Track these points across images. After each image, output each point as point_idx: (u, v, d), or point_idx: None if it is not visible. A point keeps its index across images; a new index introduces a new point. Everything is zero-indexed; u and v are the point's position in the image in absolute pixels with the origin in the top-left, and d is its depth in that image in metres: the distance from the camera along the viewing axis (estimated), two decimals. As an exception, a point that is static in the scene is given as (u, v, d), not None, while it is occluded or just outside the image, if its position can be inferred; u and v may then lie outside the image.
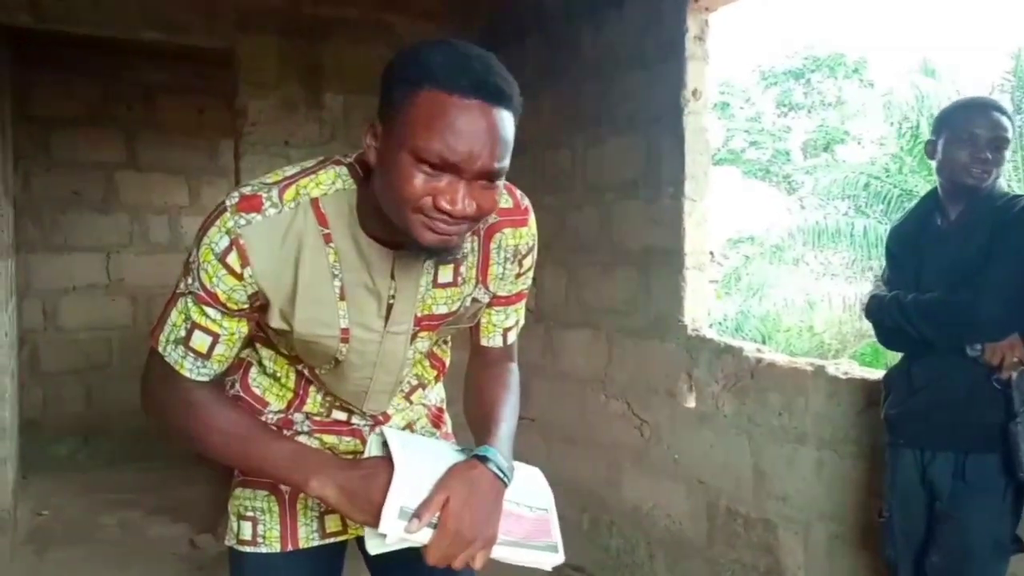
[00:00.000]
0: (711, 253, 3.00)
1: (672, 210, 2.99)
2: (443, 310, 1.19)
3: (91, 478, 4.73)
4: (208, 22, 3.73)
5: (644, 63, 3.11)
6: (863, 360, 8.49)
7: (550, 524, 1.16)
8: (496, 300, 1.26)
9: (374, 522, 1.00)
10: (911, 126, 12.49)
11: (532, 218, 1.23)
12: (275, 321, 1.13)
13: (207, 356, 1.13)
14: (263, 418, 1.28)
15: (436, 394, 1.44)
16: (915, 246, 2.04)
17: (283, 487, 1.29)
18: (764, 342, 11.56)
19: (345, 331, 1.14)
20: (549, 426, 3.70)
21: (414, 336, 1.20)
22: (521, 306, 1.31)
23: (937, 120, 2.07)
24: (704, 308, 3.03)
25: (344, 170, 1.10)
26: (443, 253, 1.04)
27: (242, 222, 1.05)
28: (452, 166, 0.95)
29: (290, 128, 3.84)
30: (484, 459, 1.07)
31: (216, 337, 1.12)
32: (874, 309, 2.06)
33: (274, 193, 1.07)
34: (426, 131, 0.94)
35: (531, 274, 1.28)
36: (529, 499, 1.16)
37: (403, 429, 1.36)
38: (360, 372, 1.21)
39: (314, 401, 1.29)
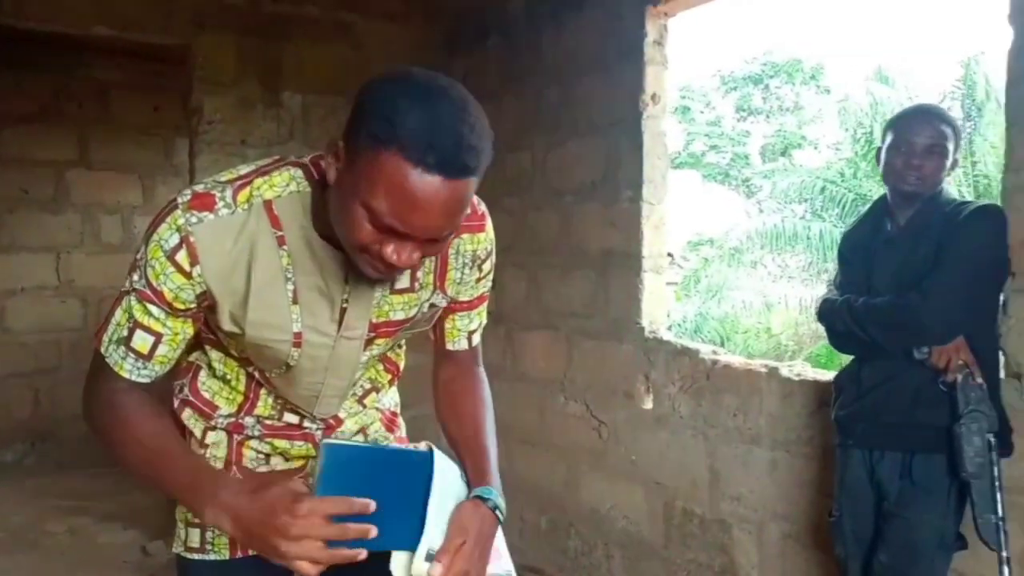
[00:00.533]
0: (671, 255, 3.03)
1: (630, 213, 3.01)
2: (400, 316, 1.18)
3: (39, 484, 4.61)
4: (164, 19, 3.66)
5: (604, 67, 3.13)
6: (818, 361, 8.64)
7: (499, 549, 1.21)
8: (458, 305, 1.25)
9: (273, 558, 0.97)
10: (865, 132, 12.76)
11: (489, 223, 1.23)
12: (226, 324, 1.11)
13: (148, 357, 1.10)
14: (212, 423, 1.26)
15: (390, 398, 1.42)
16: (866, 251, 2.08)
17: None
18: (723, 343, 11.70)
19: (298, 335, 1.13)
20: (509, 428, 3.70)
21: (369, 342, 1.18)
22: (483, 309, 1.31)
23: (883, 127, 2.12)
24: (661, 310, 3.06)
25: (299, 172, 1.08)
26: (389, 282, 1.05)
27: (193, 220, 1.03)
28: (403, 233, 0.93)
29: (247, 127, 3.79)
30: (485, 500, 1.11)
31: (159, 337, 1.09)
32: (826, 312, 2.10)
33: (227, 193, 1.05)
34: (384, 196, 0.91)
35: (491, 277, 1.27)
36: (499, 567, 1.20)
37: (356, 434, 1.34)
38: (312, 377, 1.19)
39: (265, 404, 1.27)
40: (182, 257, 1.03)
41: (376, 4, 4.04)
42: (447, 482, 1.11)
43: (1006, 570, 1.79)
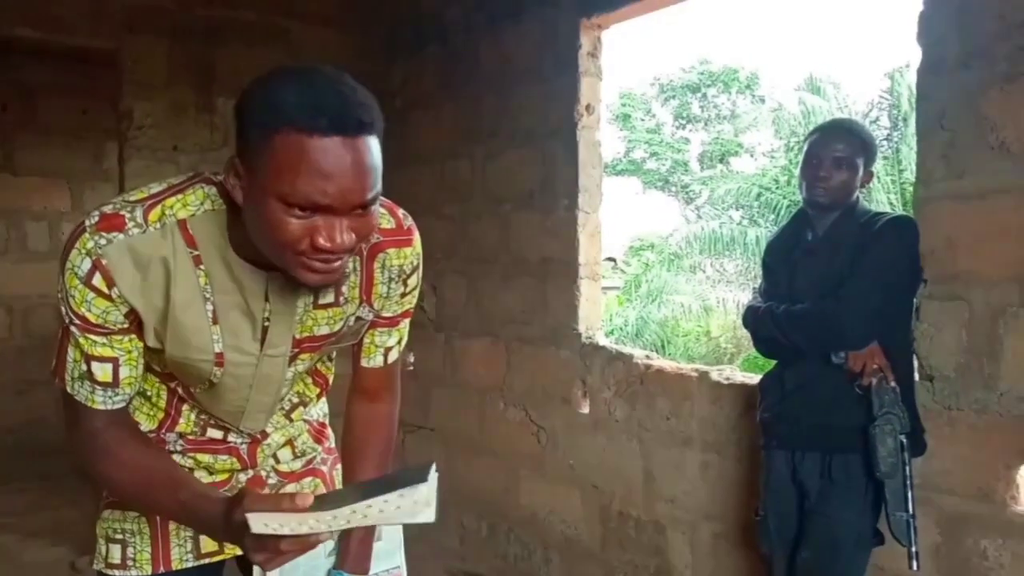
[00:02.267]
0: (613, 259, 3.08)
1: (566, 222, 3.06)
2: (325, 331, 1.17)
3: (-39, 500, 4.43)
4: (93, 21, 3.57)
5: (540, 77, 3.17)
6: (756, 364, 8.85)
7: (383, 549, 1.33)
8: (380, 320, 1.24)
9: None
10: (798, 140, 13.12)
11: (416, 237, 1.21)
12: (150, 340, 1.09)
13: (115, 384, 1.09)
14: None
15: (319, 409, 1.42)
16: (787, 260, 2.16)
17: None
18: (663, 347, 11.90)
19: (219, 355, 1.11)
20: (449, 434, 3.71)
21: (294, 358, 1.18)
22: (405, 325, 1.29)
23: (802, 141, 2.21)
24: (597, 317, 3.11)
25: (214, 190, 1.06)
26: (325, 287, 1.04)
27: (103, 242, 1.00)
28: (324, 207, 0.91)
29: (179, 132, 3.72)
30: None
31: (115, 362, 1.07)
32: (750, 319, 2.17)
33: (137, 213, 1.02)
34: (291, 177, 0.89)
35: (416, 293, 1.26)
36: (383, 565, 1.32)
37: (284, 446, 1.34)
38: (236, 394, 1.18)
39: (187, 420, 1.25)
40: (98, 281, 1.01)
41: (313, 9, 4.02)
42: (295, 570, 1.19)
43: (915, 564, 1.88)
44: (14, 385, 5.00)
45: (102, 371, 1.07)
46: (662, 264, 15.46)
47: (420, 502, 0.84)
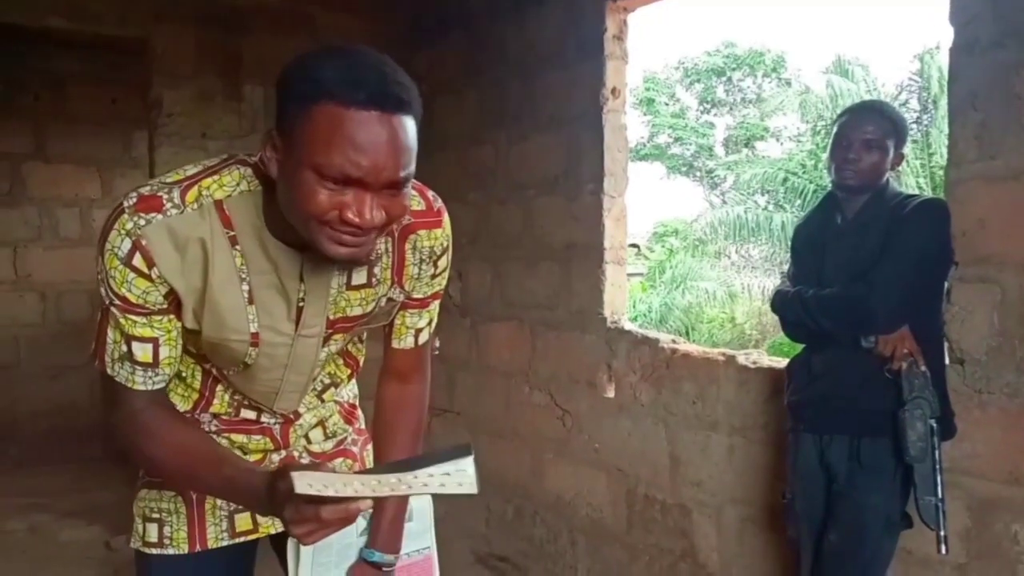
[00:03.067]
0: (636, 246, 3.08)
1: (592, 206, 3.05)
2: (357, 312, 1.18)
3: (-1, 482, 4.54)
4: (122, 10, 3.61)
5: (565, 62, 3.16)
6: (781, 349, 8.80)
7: (432, 561, 1.37)
8: (410, 302, 1.25)
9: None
10: (825, 123, 12.96)
11: (446, 219, 1.21)
12: (188, 321, 1.10)
13: (155, 364, 1.10)
14: None
15: (349, 390, 1.43)
16: (816, 243, 2.14)
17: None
18: (687, 333, 11.85)
19: (255, 335, 1.12)
20: (474, 418, 3.73)
21: (327, 338, 1.19)
22: (435, 307, 1.30)
23: (832, 123, 2.19)
24: (623, 301, 3.11)
25: (249, 171, 1.07)
26: (352, 264, 1.04)
27: (141, 223, 1.01)
28: (357, 181, 0.92)
29: (207, 120, 3.76)
30: (375, 564, 1.25)
31: (155, 342, 1.09)
32: (778, 304, 2.16)
33: (175, 194, 1.03)
34: (326, 148, 0.90)
35: (446, 275, 1.27)
36: (413, 544, 1.35)
37: (315, 427, 1.36)
38: (270, 374, 1.20)
39: (221, 401, 1.26)
40: (138, 261, 1.02)
41: (338, -4, 4.03)
42: (329, 548, 1.24)
43: (943, 548, 1.87)
44: (47, 370, 5.10)
45: (142, 351, 1.08)
46: (686, 250, 15.39)
47: (464, 474, 0.86)
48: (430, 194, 1.20)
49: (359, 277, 1.15)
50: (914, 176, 11.08)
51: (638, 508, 2.95)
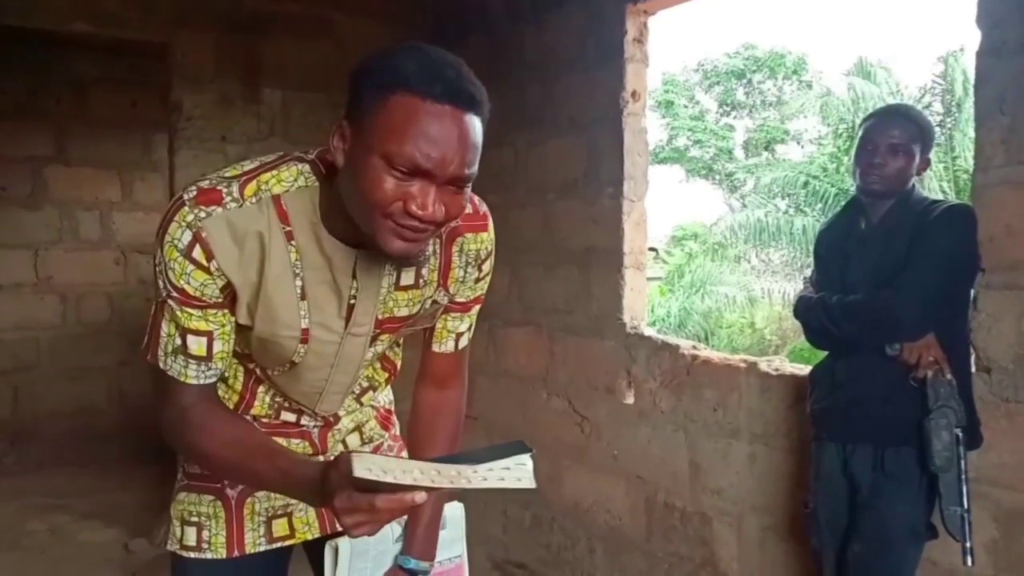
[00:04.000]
0: (655, 250, 3.05)
1: (611, 210, 3.03)
2: (404, 313, 1.18)
3: (19, 483, 4.58)
4: (144, 15, 3.64)
5: (585, 65, 3.14)
6: (801, 355, 8.72)
7: (463, 570, 1.36)
8: (453, 306, 1.26)
9: None
10: (847, 126, 12.85)
11: (491, 223, 1.23)
12: (242, 316, 1.10)
13: (208, 358, 1.10)
14: None
15: (385, 396, 1.43)
16: (840, 249, 2.11)
17: (229, 492, 1.29)
18: (707, 338, 11.79)
19: (305, 331, 1.13)
20: (492, 424, 3.72)
21: (374, 338, 1.19)
22: (476, 312, 1.31)
23: (858, 127, 2.16)
24: (643, 306, 3.08)
25: (307, 167, 1.08)
26: (407, 261, 1.05)
27: (202, 215, 1.02)
28: (424, 172, 0.94)
29: (227, 123, 3.77)
30: (410, 571, 1.25)
31: (210, 336, 1.09)
32: (801, 310, 2.13)
33: (234, 188, 1.04)
34: (399, 136, 0.92)
35: (488, 279, 1.28)
36: (446, 553, 1.34)
37: (352, 431, 1.36)
38: (316, 373, 1.20)
39: (262, 403, 1.27)
40: (198, 253, 1.03)
41: (357, 1, 4.04)
42: (364, 555, 1.24)
43: (969, 559, 1.84)
44: (67, 372, 5.14)
45: (197, 345, 1.09)
46: (705, 254, 15.30)
47: (524, 469, 0.87)
48: (476, 199, 1.20)
49: (407, 278, 1.16)
50: (937, 180, 10.95)
51: (657, 516, 2.92)
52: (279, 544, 1.32)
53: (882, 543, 1.96)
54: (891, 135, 1.99)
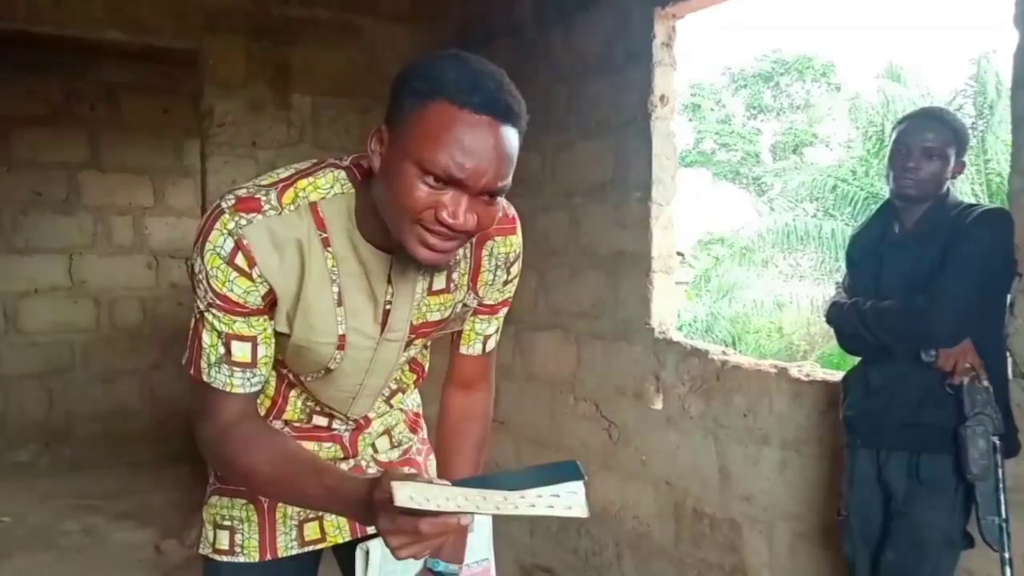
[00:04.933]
0: (681, 255, 3.03)
1: (639, 214, 3.02)
2: (436, 317, 1.19)
3: (53, 484, 4.66)
4: (176, 22, 3.70)
5: (612, 68, 3.14)
6: (830, 361, 8.61)
7: (490, 571, 1.37)
8: (481, 308, 1.26)
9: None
10: (877, 129, 12.68)
11: (519, 227, 1.23)
12: (281, 324, 1.10)
13: (253, 364, 1.09)
14: None
15: (413, 399, 1.44)
16: (874, 254, 2.08)
17: (262, 497, 1.29)
18: (734, 343, 11.68)
19: (342, 338, 1.13)
20: (518, 428, 3.71)
21: (409, 343, 1.19)
22: (503, 314, 1.31)
23: (891, 130, 2.13)
24: (671, 311, 3.06)
25: (343, 174, 1.08)
26: (435, 269, 1.05)
27: (243, 222, 1.02)
28: (457, 181, 0.94)
29: (257, 129, 3.82)
30: (439, 574, 1.24)
31: (254, 341, 1.09)
32: (834, 315, 2.11)
33: (272, 196, 1.05)
34: (434, 144, 0.92)
35: (516, 282, 1.28)
36: (473, 556, 1.33)
37: (382, 435, 1.36)
38: (351, 379, 1.20)
39: (294, 408, 1.27)
40: (240, 260, 1.03)
41: (385, 6, 4.07)
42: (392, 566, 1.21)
43: (1008, 571, 1.80)
44: (101, 375, 5.21)
45: (241, 351, 1.08)
46: (732, 258, 15.18)
47: (575, 497, 0.82)
48: (504, 202, 1.19)
49: (439, 282, 1.16)
50: (969, 183, 10.78)
51: (686, 522, 2.89)
52: (310, 548, 1.32)
53: (916, 551, 1.93)
54: (925, 138, 1.96)
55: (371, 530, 1.25)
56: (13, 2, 3.41)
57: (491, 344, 1.32)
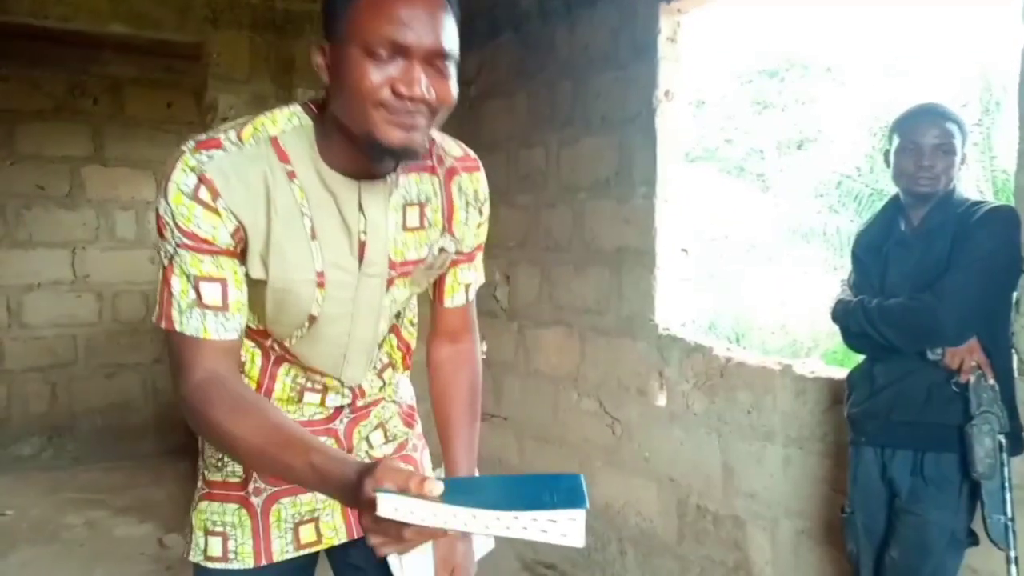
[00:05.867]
0: (685, 250, 3.02)
1: (644, 210, 3.01)
2: (414, 255, 1.19)
3: (56, 477, 4.67)
4: (179, 16, 3.68)
5: (618, 64, 3.12)
6: (834, 358, 8.58)
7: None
8: (459, 258, 1.28)
9: None
10: (882, 126, 12.63)
11: (482, 168, 1.27)
12: (255, 269, 1.09)
13: (225, 307, 1.06)
14: None
15: (406, 390, 1.42)
16: (879, 251, 2.07)
17: (254, 500, 1.27)
18: (738, 339, 11.65)
19: (320, 274, 1.11)
20: (522, 424, 3.71)
21: (390, 283, 1.18)
22: (480, 259, 1.33)
23: (889, 129, 2.11)
24: (675, 307, 3.05)
25: (298, 108, 1.11)
26: (408, 153, 1.04)
27: (204, 158, 1.03)
28: (402, 48, 0.97)
29: (261, 123, 3.80)
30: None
31: (224, 283, 1.06)
32: (840, 313, 2.09)
33: (232, 134, 1.06)
34: (372, 20, 0.96)
35: (487, 226, 1.31)
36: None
37: (376, 429, 1.34)
38: (336, 327, 1.17)
39: (283, 387, 1.24)
40: (204, 194, 1.03)
41: None
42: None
43: (1014, 569, 1.80)
44: (103, 368, 5.22)
45: (212, 293, 1.06)
46: (736, 254, 15.15)
47: (572, 525, 0.77)
48: (463, 145, 1.25)
49: (413, 218, 1.17)
50: (975, 180, 10.74)
51: (689, 519, 2.89)
52: (307, 550, 1.30)
53: (920, 549, 1.93)
54: (933, 135, 1.95)
55: None
56: (17, -4, 3.40)
57: (472, 293, 1.34)
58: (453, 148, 1.23)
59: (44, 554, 3.58)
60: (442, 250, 1.23)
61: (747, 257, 14.69)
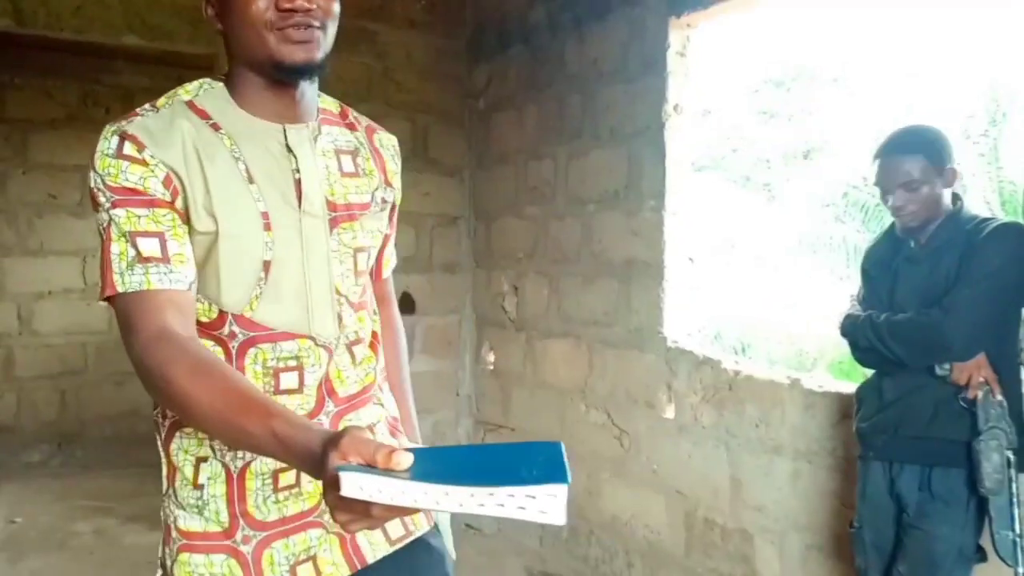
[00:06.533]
0: (691, 259, 3.03)
1: (652, 222, 3.02)
2: (357, 200, 1.23)
3: (65, 485, 4.68)
4: (192, 28, 3.71)
5: (627, 77, 3.14)
6: (840, 369, 8.57)
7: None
8: (389, 235, 1.40)
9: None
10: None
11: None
12: (203, 222, 1.08)
13: (165, 259, 1.05)
14: (207, 445, 1.17)
15: (390, 401, 1.37)
16: (888, 267, 2.08)
17: (243, 549, 1.16)
18: (744, 349, 11.64)
19: (265, 214, 1.12)
20: (529, 435, 3.72)
21: (334, 224, 1.19)
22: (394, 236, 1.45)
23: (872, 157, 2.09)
24: (684, 320, 3.07)
25: (207, 77, 1.19)
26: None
27: (124, 123, 1.09)
28: None
29: (272, 135, 3.83)
30: None
31: (161, 236, 1.06)
32: (848, 328, 2.10)
33: (146, 105, 1.14)
34: None
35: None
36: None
37: (362, 432, 1.31)
38: (291, 270, 1.14)
39: (255, 374, 1.15)
40: (128, 148, 1.07)
41: (399, 13, 4.07)
42: None
43: (1024, 586, 1.80)
44: (113, 376, 5.25)
45: (149, 245, 1.05)
46: (742, 264, 15.15)
47: (552, 501, 0.71)
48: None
49: (348, 165, 1.23)
50: (982, 191, 10.73)
51: (697, 531, 2.89)
52: None
53: (928, 565, 1.93)
54: (903, 173, 1.96)
55: (370, 559, 1.22)
56: (34, 8, 3.44)
57: (392, 265, 1.48)
58: (364, 118, 1.34)
59: (53, 562, 3.59)
60: (384, 200, 1.29)
61: (753, 267, 14.68)
